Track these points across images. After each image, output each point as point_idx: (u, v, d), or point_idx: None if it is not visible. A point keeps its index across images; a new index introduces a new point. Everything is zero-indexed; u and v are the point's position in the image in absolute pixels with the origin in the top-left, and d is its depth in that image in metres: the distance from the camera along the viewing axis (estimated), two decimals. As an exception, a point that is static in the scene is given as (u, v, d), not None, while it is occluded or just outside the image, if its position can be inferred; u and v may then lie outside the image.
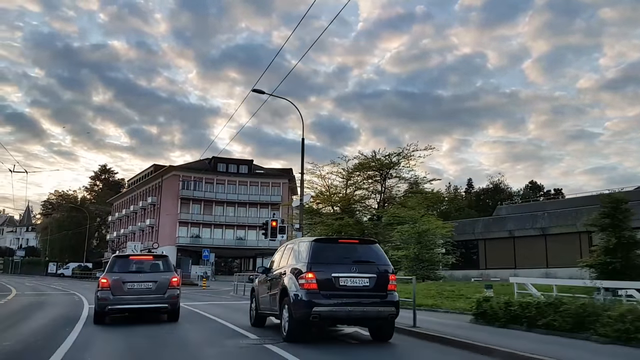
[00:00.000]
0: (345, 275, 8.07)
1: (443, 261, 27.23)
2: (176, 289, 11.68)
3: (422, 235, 26.78)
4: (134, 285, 11.26)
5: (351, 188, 36.61)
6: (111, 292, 11.01)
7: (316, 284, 7.93)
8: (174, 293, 11.54)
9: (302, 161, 23.88)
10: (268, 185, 72.95)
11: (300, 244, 9.20)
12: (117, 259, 12.16)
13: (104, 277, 11.30)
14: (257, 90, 22.22)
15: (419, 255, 26.23)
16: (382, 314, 8.23)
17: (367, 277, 8.17)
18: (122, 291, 11.10)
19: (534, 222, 33.51)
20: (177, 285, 11.74)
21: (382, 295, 8.24)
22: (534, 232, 32.92)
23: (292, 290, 8.20)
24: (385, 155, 33.85)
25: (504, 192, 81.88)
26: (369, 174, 34.70)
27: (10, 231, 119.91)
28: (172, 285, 11.58)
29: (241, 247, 69.94)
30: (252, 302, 11.23)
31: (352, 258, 8.40)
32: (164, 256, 12.88)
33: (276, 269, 9.88)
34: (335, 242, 9.33)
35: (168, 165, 68.66)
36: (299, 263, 8.50)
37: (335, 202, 34.13)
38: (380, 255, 8.75)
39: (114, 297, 10.99)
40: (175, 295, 11.59)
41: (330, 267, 8.14)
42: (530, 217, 34.30)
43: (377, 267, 8.42)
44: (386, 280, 8.35)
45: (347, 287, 8.04)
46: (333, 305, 7.92)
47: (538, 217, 33.78)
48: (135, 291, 11.22)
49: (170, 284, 11.54)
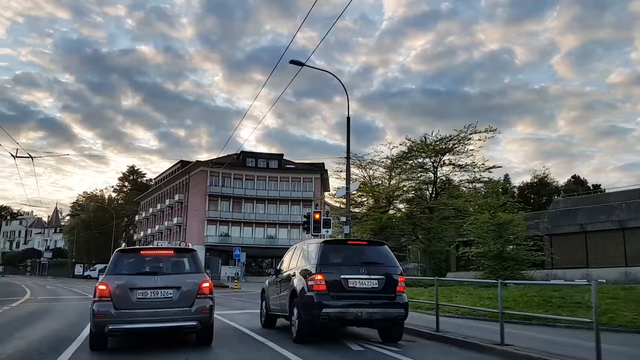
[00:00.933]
0: (354, 277, 8.22)
1: (531, 259, 22.45)
2: (208, 299, 8.16)
3: (503, 227, 22.43)
4: (146, 294, 7.76)
5: (396, 179, 33.13)
6: (113, 305, 7.56)
7: (325, 285, 8.08)
8: (205, 305, 8.03)
9: (347, 142, 20.72)
10: (299, 180, 69.87)
11: (310, 245, 9.33)
12: (121, 254, 8.55)
13: (102, 281, 7.80)
14: (295, 61, 19.26)
15: (502, 253, 21.92)
16: (390, 315, 8.34)
17: (375, 279, 8.31)
18: (129, 303, 7.65)
19: (610, 214, 29.28)
20: (209, 292, 8.22)
21: (390, 297, 8.37)
22: (611, 225, 28.64)
23: (302, 292, 8.38)
24: (437, 140, 29.97)
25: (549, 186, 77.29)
26: (419, 162, 31.00)
27: (38, 233, 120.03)
28: (203, 292, 8.10)
29: (272, 247, 66.95)
30: (263, 303, 11.45)
31: (361, 260, 8.53)
32: (190, 250, 9.05)
33: (286, 270, 9.98)
34: (344, 244, 9.61)
35: (195, 161, 66.13)
36: (309, 264, 8.66)
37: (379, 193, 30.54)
38: (389, 256, 8.84)
39: (117, 311, 7.53)
40: (208, 307, 8.07)
41: (339, 268, 8.32)
42: (605, 208, 30.04)
43: (386, 268, 8.55)
44: (395, 282, 8.47)
45: (356, 289, 8.19)
46: (342, 307, 8.06)
47: (614, 209, 29.51)
48: (148, 303, 7.74)
49: (200, 291, 8.07)
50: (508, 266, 21.45)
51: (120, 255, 8.48)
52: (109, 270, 8.12)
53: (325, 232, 20.89)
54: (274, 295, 10.34)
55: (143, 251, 9.00)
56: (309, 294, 8.17)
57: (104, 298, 7.61)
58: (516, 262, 21.74)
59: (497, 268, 21.28)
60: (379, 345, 8.46)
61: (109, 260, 8.42)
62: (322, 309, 7.95)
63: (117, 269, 8.11)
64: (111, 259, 8.35)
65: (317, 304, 7.99)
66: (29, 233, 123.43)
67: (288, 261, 10.21)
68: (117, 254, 8.50)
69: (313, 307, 8.05)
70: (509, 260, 21.70)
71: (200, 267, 8.64)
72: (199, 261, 8.76)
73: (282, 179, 69.64)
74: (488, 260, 21.72)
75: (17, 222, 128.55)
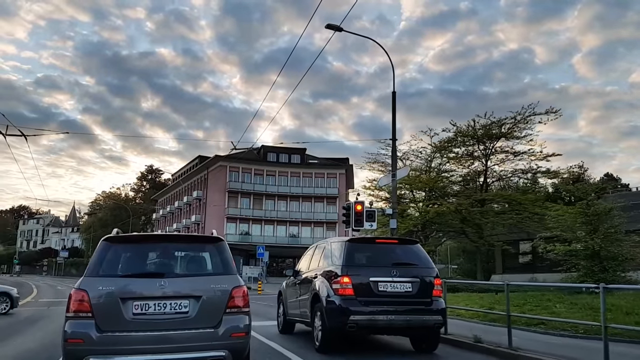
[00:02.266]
0: (385, 280, 7.47)
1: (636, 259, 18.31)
2: (243, 314, 5.47)
3: (601, 219, 18.51)
4: (147, 307, 5.12)
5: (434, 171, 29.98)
6: (95, 324, 4.95)
7: (352, 289, 7.38)
8: (238, 324, 5.35)
9: (393, 118, 18.06)
10: (323, 176, 67.03)
11: (332, 244, 8.58)
12: (111, 244, 5.66)
13: (80, 287, 5.16)
14: (331, 25, 16.45)
15: (599, 250, 17.90)
16: (427, 323, 7.56)
17: (409, 282, 7.59)
18: (120, 321, 5.03)
19: None
20: (243, 304, 5.51)
21: (426, 302, 7.62)
22: None
23: (325, 296, 7.66)
24: (491, 123, 26.57)
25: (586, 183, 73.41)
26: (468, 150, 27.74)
27: (55, 232, 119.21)
28: (235, 304, 5.42)
29: (295, 246, 64.11)
30: (280, 306, 10.72)
31: (391, 260, 7.82)
32: (215, 240, 5.99)
33: (305, 271, 9.29)
34: (372, 242, 8.79)
35: (214, 155, 63.59)
36: (332, 265, 8.00)
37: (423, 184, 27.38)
38: (423, 256, 8.11)
39: (101, 335, 4.93)
40: (242, 328, 5.37)
41: (368, 270, 7.65)
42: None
43: (420, 270, 7.81)
44: (430, 285, 7.73)
45: (387, 293, 7.46)
46: (372, 314, 7.32)
47: None
48: (150, 322, 5.09)
49: (231, 303, 5.41)
50: (609, 267, 17.64)
51: (108, 245, 5.60)
52: (91, 268, 5.34)
53: (369, 226, 18.08)
54: (293, 298, 9.65)
55: (143, 240, 6.18)
56: (334, 299, 7.45)
57: (82, 313, 4.97)
58: (616, 261, 17.88)
59: (594, 270, 17.61)
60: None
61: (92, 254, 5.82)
62: (350, 316, 7.23)
63: (104, 268, 5.36)
64: (95, 252, 5.60)
65: (344, 310, 7.29)
66: (46, 232, 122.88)
67: (307, 261, 9.52)
68: (105, 244, 5.61)
69: (339, 314, 7.34)
70: (609, 259, 17.87)
71: (230, 264, 5.79)
72: (229, 256, 5.87)
73: (304, 175, 66.94)
74: (580, 260, 18.13)
75: (34, 222, 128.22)
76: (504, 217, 24.86)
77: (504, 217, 24.90)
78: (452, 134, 27.48)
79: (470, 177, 28.40)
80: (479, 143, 27.43)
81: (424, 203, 27.91)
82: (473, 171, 28.05)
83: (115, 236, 5.74)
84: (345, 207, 18.43)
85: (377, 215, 18.53)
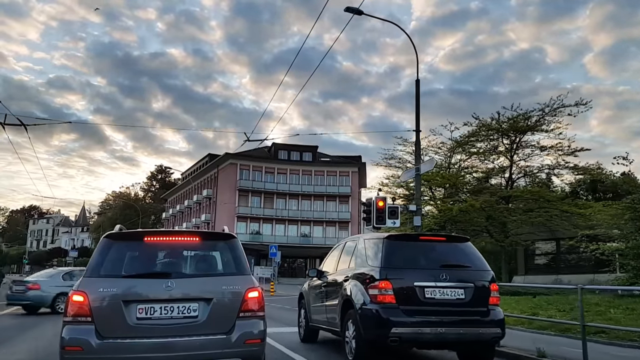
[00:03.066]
0: (432, 285, 6.32)
1: None
2: (257, 319, 5.07)
3: None
4: (152, 311, 4.78)
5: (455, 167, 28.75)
6: (96, 330, 4.62)
7: (393, 295, 6.23)
8: (252, 329, 4.99)
9: (417, 108, 16.88)
10: (335, 174, 65.86)
11: (366, 241, 7.30)
12: (113, 242, 5.26)
13: (79, 289, 4.78)
14: (350, 8, 15.34)
15: None
16: (483, 336, 6.37)
17: (462, 287, 6.39)
18: (122, 326, 4.68)
19: None
20: (258, 307, 5.10)
21: (482, 312, 6.44)
22: None
23: (361, 304, 6.51)
24: (517, 116, 25.23)
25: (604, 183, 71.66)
26: (492, 144, 26.47)
27: (65, 232, 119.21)
28: (249, 308, 5.04)
29: (306, 245, 63.19)
30: (301, 311, 9.50)
31: (440, 261, 6.64)
32: (227, 237, 5.61)
33: (332, 272, 8.18)
34: (415, 240, 7.28)
35: (224, 153, 62.66)
36: (366, 267, 6.83)
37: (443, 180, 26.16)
38: (476, 257, 6.87)
39: (102, 341, 4.59)
40: (257, 334, 5.00)
41: (412, 273, 6.44)
42: None
43: (475, 273, 6.61)
44: (486, 292, 6.54)
45: (435, 301, 6.28)
46: (418, 325, 6.15)
47: None
48: (156, 327, 4.74)
49: (245, 306, 5.02)
50: None
51: (110, 243, 5.22)
52: (91, 268, 4.99)
53: (392, 223, 16.82)
54: (317, 303, 8.51)
55: (148, 237, 5.38)
56: (372, 307, 6.34)
57: (81, 318, 4.65)
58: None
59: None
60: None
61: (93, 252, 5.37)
62: (392, 328, 6.13)
63: (105, 268, 5.00)
64: (96, 250, 5.20)
65: (384, 321, 6.19)
66: (56, 232, 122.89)
67: (335, 261, 8.36)
68: (106, 241, 5.23)
69: (378, 325, 6.25)
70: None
71: (244, 263, 5.39)
72: (242, 254, 5.47)
73: (316, 173, 65.84)
74: (631, 259, 16.66)
75: (45, 221, 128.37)
76: (531, 215, 23.57)
77: (531, 215, 23.60)
78: (474, 128, 26.32)
79: (494, 173, 27.11)
80: (503, 137, 26.15)
81: (446, 200, 26.63)
82: (498, 167, 26.75)
83: (118, 233, 5.36)
84: (365, 204, 17.33)
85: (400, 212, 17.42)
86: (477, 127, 26.13)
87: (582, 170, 26.64)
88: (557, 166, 26.02)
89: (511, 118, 25.17)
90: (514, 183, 26.51)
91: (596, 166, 26.66)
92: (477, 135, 26.38)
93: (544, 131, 25.48)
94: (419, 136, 17.16)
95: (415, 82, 17.41)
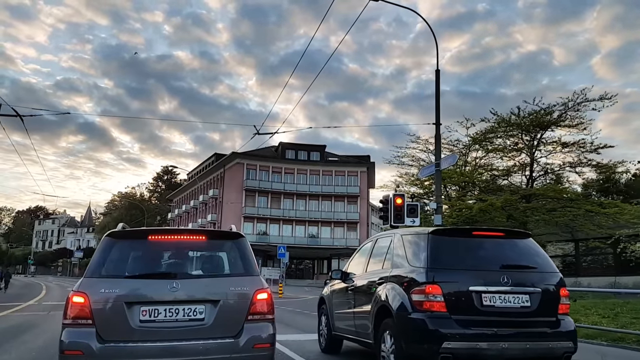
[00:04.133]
0: (492, 290, 5.23)
1: None
2: (266, 322, 4.84)
3: None
4: (157, 313, 4.56)
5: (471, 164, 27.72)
6: (97, 333, 4.42)
7: (444, 302, 5.15)
8: (261, 333, 4.75)
9: (437, 100, 16.01)
10: (343, 174, 64.88)
11: (404, 237, 6.14)
12: (115, 240, 5.04)
13: (79, 290, 4.56)
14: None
15: None
16: (554, 351, 5.26)
17: (526, 293, 5.34)
18: (125, 329, 4.47)
19: None
20: (267, 309, 4.87)
21: (551, 322, 5.37)
22: None
23: (401, 312, 5.41)
24: (539, 110, 24.16)
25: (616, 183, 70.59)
26: (512, 141, 25.45)
27: (71, 232, 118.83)
28: (258, 310, 4.82)
29: (314, 247, 62.27)
30: (322, 318, 8.42)
31: (499, 261, 5.54)
32: (235, 236, 5.37)
33: (361, 274, 7.07)
34: (467, 235, 5.98)
35: (231, 153, 61.84)
36: (406, 267, 5.74)
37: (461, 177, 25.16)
38: (541, 256, 5.77)
39: (103, 345, 4.38)
40: (266, 337, 4.75)
41: (465, 276, 5.31)
42: None
43: (541, 276, 5.52)
44: (555, 298, 5.46)
45: (495, 309, 5.21)
46: (475, 339, 5.03)
47: None
48: (160, 330, 4.53)
49: (254, 309, 4.79)
50: None
51: (112, 242, 5.01)
52: (92, 268, 4.79)
53: (411, 222, 15.90)
54: (343, 309, 7.42)
55: (152, 235, 5.12)
56: (417, 317, 5.27)
57: (81, 320, 4.47)
58: None
59: None
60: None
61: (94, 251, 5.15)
62: (443, 342, 5.03)
63: (107, 268, 4.81)
64: (97, 249, 4.97)
65: (433, 334, 5.09)
66: (62, 233, 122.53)
67: (363, 261, 7.27)
68: (108, 240, 5.02)
69: (426, 338, 5.15)
70: None
71: (252, 264, 5.15)
72: (250, 254, 5.22)
73: (324, 173, 64.89)
74: None
75: (50, 222, 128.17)
76: (555, 215, 22.51)
77: (555, 214, 22.53)
78: (491, 124, 25.31)
79: (514, 171, 26.09)
80: (523, 133, 25.10)
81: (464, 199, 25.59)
82: (518, 164, 25.70)
83: (120, 231, 5.13)
84: (382, 201, 16.41)
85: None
86: (496, 123, 25.12)
87: (605, 168, 25.50)
88: (578, 164, 24.96)
89: (532, 112, 24.13)
90: (534, 181, 25.43)
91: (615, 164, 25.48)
92: (496, 131, 25.38)
93: (567, 126, 24.41)
94: (439, 129, 16.22)
95: (435, 72, 16.78)
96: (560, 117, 24.40)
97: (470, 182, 25.89)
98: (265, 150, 62.65)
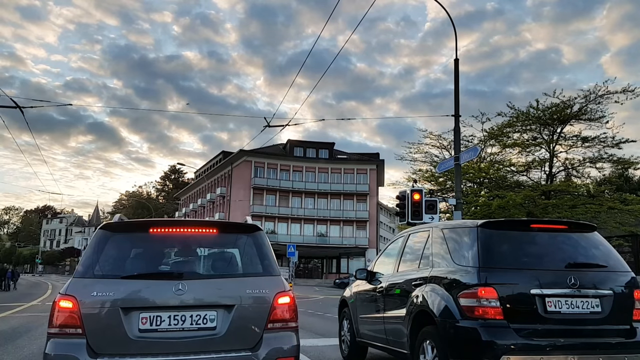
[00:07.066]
0: (558, 293, 4.46)
1: None
2: (289, 330, 4.12)
3: None
4: (159, 321, 3.84)
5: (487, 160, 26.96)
6: (87, 343, 3.71)
7: (500, 308, 4.36)
8: (283, 345, 4.02)
9: (456, 90, 15.16)
10: (352, 172, 64.16)
11: (446, 230, 5.34)
12: (111, 234, 4.28)
13: (67, 293, 3.82)
14: None
15: None
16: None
17: (597, 296, 4.55)
18: (121, 339, 3.74)
19: None
20: (290, 316, 4.14)
21: (625, 331, 4.56)
22: None
23: (447, 319, 4.59)
24: (559, 102, 23.34)
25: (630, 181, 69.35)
26: (531, 135, 24.65)
27: (78, 232, 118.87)
28: (280, 317, 4.09)
29: (323, 245, 61.60)
30: (343, 322, 7.59)
31: (563, 259, 4.70)
32: (251, 229, 4.59)
33: (391, 274, 6.21)
34: (524, 228, 5.00)
35: (239, 150, 61.29)
36: (451, 267, 4.91)
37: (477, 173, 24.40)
38: (609, 252, 4.89)
39: (94, 359, 3.67)
40: (289, 350, 4.03)
41: (525, 276, 4.50)
42: None
43: (612, 276, 4.71)
44: (629, 302, 4.65)
45: (561, 316, 4.44)
46: (539, 351, 4.25)
47: None
48: (162, 341, 3.81)
49: (273, 316, 4.05)
50: None
51: (107, 235, 4.29)
52: (83, 266, 4.07)
53: (430, 219, 15.16)
54: (370, 314, 6.60)
55: (155, 227, 4.38)
56: (467, 325, 4.40)
57: (69, 329, 3.78)
58: None
59: None
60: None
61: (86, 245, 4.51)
62: (501, 355, 4.18)
63: (101, 266, 4.07)
64: (89, 244, 4.24)
65: (489, 346, 4.22)
66: (69, 232, 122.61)
67: (394, 259, 6.40)
68: (102, 233, 4.29)
69: (479, 351, 4.27)
70: None
71: (272, 262, 4.42)
72: (269, 251, 4.49)
73: (333, 171, 64.19)
74: None
75: (58, 221, 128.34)
76: (577, 211, 21.68)
77: (577, 211, 21.71)
78: (509, 118, 24.47)
79: (533, 166, 25.28)
80: (543, 127, 24.25)
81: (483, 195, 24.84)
82: (538, 159, 24.88)
83: (117, 223, 4.43)
84: (399, 197, 15.67)
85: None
86: (514, 117, 24.31)
87: (628, 164, 24.60)
88: (599, 159, 24.09)
89: (553, 105, 23.28)
90: (554, 177, 24.58)
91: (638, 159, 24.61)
92: (514, 125, 24.58)
93: (588, 120, 23.56)
94: (458, 122, 15.44)
95: (454, 62, 16.00)
96: (580, 110, 23.55)
97: (487, 178, 25.07)
98: (273, 148, 62.08)
